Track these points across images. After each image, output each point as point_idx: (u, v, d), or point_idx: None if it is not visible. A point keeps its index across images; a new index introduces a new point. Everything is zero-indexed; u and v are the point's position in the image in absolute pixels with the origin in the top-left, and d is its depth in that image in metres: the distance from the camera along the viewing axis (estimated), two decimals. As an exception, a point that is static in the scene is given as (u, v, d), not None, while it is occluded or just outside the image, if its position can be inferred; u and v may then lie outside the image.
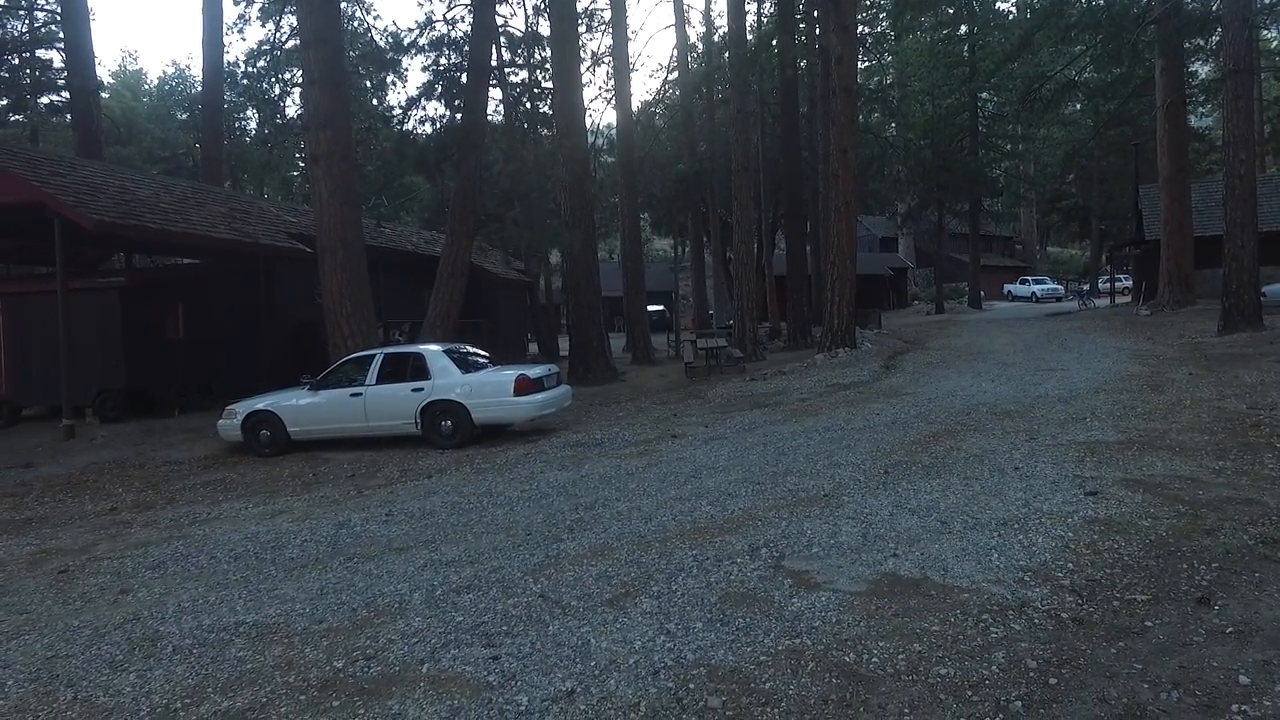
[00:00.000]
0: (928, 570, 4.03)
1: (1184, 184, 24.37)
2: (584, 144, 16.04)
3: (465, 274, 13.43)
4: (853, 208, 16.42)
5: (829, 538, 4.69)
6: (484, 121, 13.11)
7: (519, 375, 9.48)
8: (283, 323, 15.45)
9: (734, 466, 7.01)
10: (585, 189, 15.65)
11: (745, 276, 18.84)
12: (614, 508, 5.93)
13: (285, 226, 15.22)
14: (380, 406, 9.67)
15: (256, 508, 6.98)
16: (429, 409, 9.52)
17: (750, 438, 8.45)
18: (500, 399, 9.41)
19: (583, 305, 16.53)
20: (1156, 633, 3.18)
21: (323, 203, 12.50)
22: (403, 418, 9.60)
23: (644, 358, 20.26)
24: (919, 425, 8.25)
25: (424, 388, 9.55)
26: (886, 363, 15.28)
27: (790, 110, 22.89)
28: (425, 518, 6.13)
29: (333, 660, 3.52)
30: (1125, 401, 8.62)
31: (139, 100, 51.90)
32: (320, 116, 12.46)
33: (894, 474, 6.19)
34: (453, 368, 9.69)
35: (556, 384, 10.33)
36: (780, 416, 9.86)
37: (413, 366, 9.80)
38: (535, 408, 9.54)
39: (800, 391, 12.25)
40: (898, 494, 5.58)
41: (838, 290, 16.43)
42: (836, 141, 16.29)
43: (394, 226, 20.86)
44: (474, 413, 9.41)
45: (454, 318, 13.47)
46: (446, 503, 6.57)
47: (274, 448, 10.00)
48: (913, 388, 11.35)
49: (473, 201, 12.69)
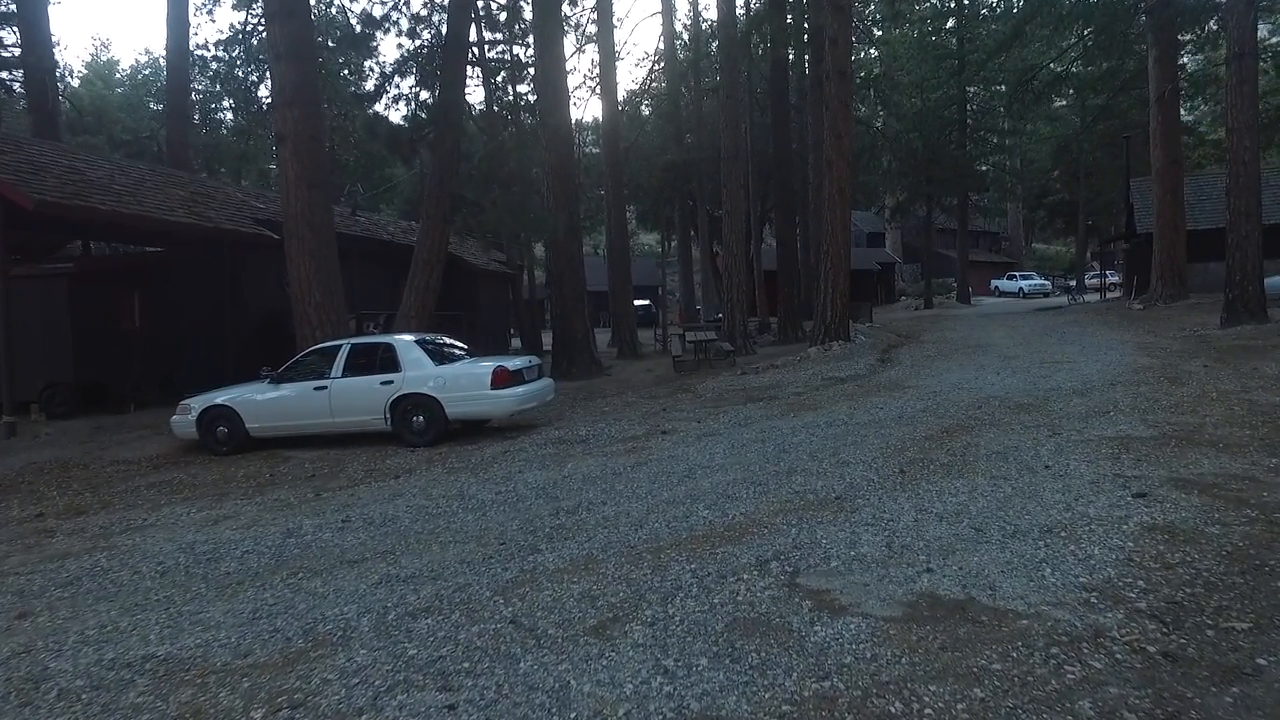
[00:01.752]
0: (971, 589, 3.41)
1: (1177, 176, 24.05)
2: (567, 124, 15.31)
3: (442, 262, 12.69)
4: (847, 196, 15.85)
5: (848, 548, 4.06)
6: (462, 100, 12.38)
7: (496, 367, 8.78)
8: (251, 313, 14.63)
9: (732, 465, 6.37)
10: (569, 172, 14.91)
11: (735, 268, 18.22)
12: (600, 512, 5.27)
13: (252, 212, 14.39)
14: (346, 401, 8.94)
15: (200, 513, 6.25)
16: (399, 403, 8.80)
17: (746, 433, 7.82)
18: (476, 393, 8.71)
19: (567, 296, 15.83)
20: (1273, 673, 2.57)
21: (289, 185, 11.73)
22: (371, 413, 8.87)
23: (630, 352, 19.60)
24: (928, 420, 7.66)
25: (394, 380, 8.83)
26: (882, 356, 14.72)
27: (780, 99, 22.28)
28: (386, 524, 5.44)
29: (250, 710, 2.83)
30: (1146, 394, 8.08)
31: (111, 90, 50.47)
32: (287, 94, 11.67)
33: (911, 473, 5.57)
34: (425, 359, 8.98)
35: (537, 377, 9.64)
36: (777, 411, 9.24)
37: (382, 358, 9.07)
38: (514, 402, 8.85)
39: (795, 385, 11.65)
40: (919, 496, 4.96)
41: (831, 281, 15.85)
42: (831, 126, 15.69)
43: (371, 215, 20.03)
44: (448, 407, 8.70)
45: (430, 308, 12.73)
46: (412, 506, 5.87)
47: (232, 446, 9.24)
48: (914, 381, 10.77)
49: (449, 184, 11.96)
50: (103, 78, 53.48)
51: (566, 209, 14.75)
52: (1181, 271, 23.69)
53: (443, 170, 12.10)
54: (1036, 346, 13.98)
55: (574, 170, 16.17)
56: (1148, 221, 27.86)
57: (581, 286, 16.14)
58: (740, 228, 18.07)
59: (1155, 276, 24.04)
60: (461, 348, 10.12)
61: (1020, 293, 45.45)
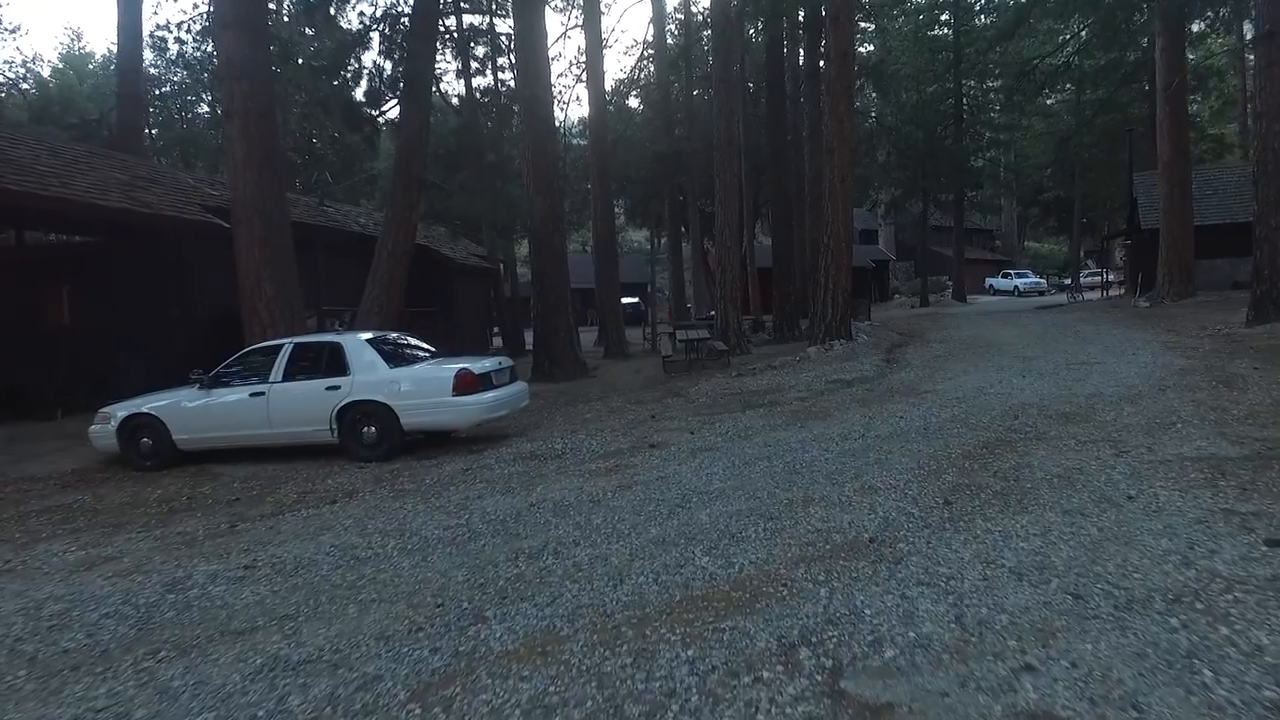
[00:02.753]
0: (1105, 708, 2.31)
1: (1185, 170, 23.21)
2: (548, 103, 14.10)
3: (409, 254, 11.53)
4: (849, 185, 14.79)
5: (904, 625, 2.95)
6: (429, 73, 11.20)
7: (460, 370, 7.62)
8: (204, 310, 13.33)
9: (734, 490, 5.26)
10: (549, 156, 13.70)
11: (728, 262, 17.12)
12: (570, 557, 4.14)
13: (204, 199, 13.14)
14: (287, 409, 7.75)
15: (79, 552, 5.07)
16: (347, 412, 7.63)
17: (748, 448, 6.71)
18: (436, 399, 7.55)
19: (548, 291, 14.67)
20: None
21: (237, 167, 10.55)
22: (315, 423, 7.69)
23: (618, 351, 18.46)
24: (960, 432, 6.58)
25: (341, 385, 7.66)
26: (888, 356, 13.67)
27: (775, 85, 21.11)
28: (299, 572, 4.29)
29: None
30: (1206, 401, 7.03)
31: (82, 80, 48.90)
32: (235, 66, 10.48)
33: (959, 504, 4.48)
34: (378, 361, 7.81)
35: (509, 380, 8.48)
36: (781, 420, 8.14)
37: (328, 359, 7.89)
38: (481, 410, 7.69)
39: (797, 389, 10.56)
40: (977, 538, 3.87)
41: (832, 277, 14.79)
42: (832, 111, 14.62)
43: (342, 207, 18.79)
44: (403, 416, 7.54)
45: (397, 304, 11.56)
46: (339, 546, 4.72)
47: (157, 460, 8.05)
48: (931, 384, 9.71)
49: (416, 165, 10.80)
50: (75, 68, 51.90)
51: (547, 196, 13.59)
52: (1189, 268, 22.84)
53: (408, 151, 10.94)
54: (1054, 346, 12.96)
55: (555, 154, 15.00)
56: (1152, 217, 27.07)
57: (564, 281, 15.00)
58: (734, 219, 16.99)
59: (1161, 274, 23.18)
60: (426, 349, 8.96)
61: (1016, 291, 44.63)
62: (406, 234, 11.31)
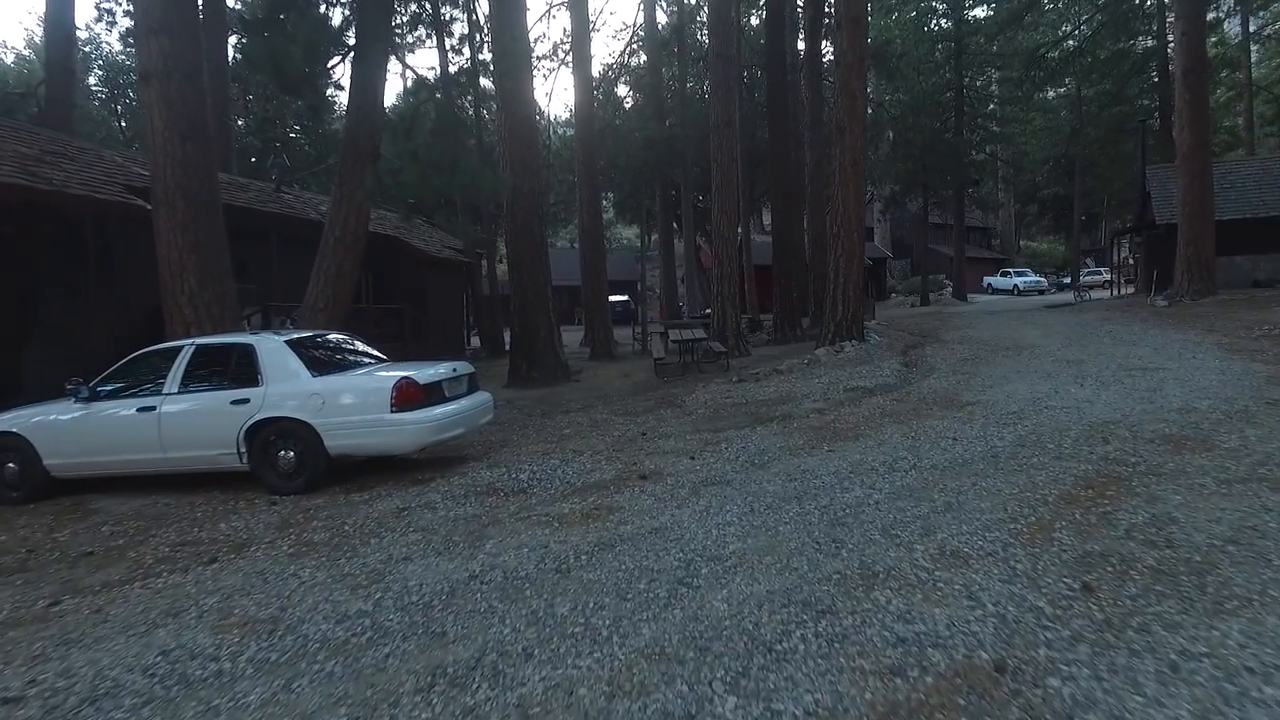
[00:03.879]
0: None
1: (1205, 161, 21.90)
2: (525, 53, 12.36)
3: (361, 240, 9.91)
4: (860, 167, 13.29)
5: None
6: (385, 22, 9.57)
7: (400, 380, 6.04)
8: (130, 306, 11.67)
9: (758, 555, 3.73)
10: (526, 117, 12.01)
11: (726, 255, 15.61)
12: (515, 687, 2.60)
13: (131, 178, 11.47)
14: (182, 427, 6.15)
15: None
16: (259, 431, 6.03)
17: (767, 481, 5.18)
18: (371, 416, 5.97)
19: (527, 286, 13.09)
20: None
21: (156, 137, 8.92)
22: (217, 445, 6.09)
23: (605, 353, 16.92)
24: (1041, 462, 5.08)
25: (250, 398, 6.06)
26: (905, 359, 12.20)
27: (775, 64, 19.52)
28: (91, 705, 2.72)
29: None
30: (1342, 420, 5.58)
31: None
32: (153, 18, 8.86)
33: (1106, 592, 2.97)
34: (299, 368, 6.21)
35: (465, 391, 6.90)
36: (801, 439, 6.62)
37: (237, 366, 6.29)
38: (427, 430, 6.10)
39: (812, 398, 9.04)
40: (1175, 672, 2.35)
41: (842, 270, 13.28)
42: (843, 85, 13.11)
43: (302, 195, 17.10)
44: (328, 438, 5.95)
45: (345, 300, 9.96)
46: (170, 654, 3.15)
47: (25, 490, 6.45)
48: (971, 394, 8.21)
49: (368, 136, 9.22)
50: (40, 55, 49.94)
51: (525, 175, 12.01)
52: (1210, 265, 21.54)
53: (357, 119, 9.34)
54: (1092, 348, 11.53)
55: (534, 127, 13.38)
56: (1167, 211, 25.86)
57: (544, 273, 13.41)
58: (732, 207, 15.48)
59: (1180, 271, 21.86)
60: (372, 354, 7.36)
61: (1015, 290, 43.44)
62: (358, 217, 9.70)
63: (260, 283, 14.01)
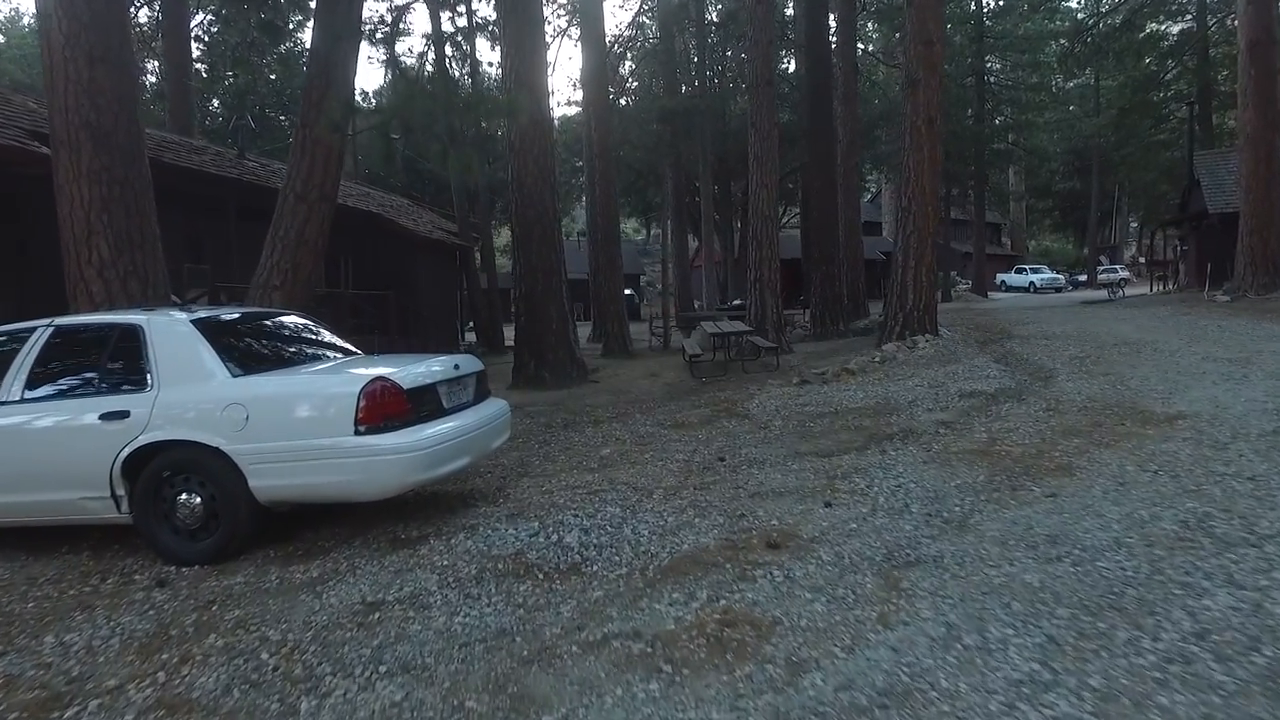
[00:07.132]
0: None
1: (1273, 142, 19.93)
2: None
3: (331, 199, 7.66)
4: (936, 127, 11.11)
5: None
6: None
7: (372, 382, 3.78)
8: (44, 278, 9.38)
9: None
10: (537, 58, 9.63)
11: (765, 236, 13.47)
12: None
13: (40, 122, 9.17)
14: (21, 455, 3.89)
15: None
16: (145, 462, 3.77)
17: (1004, 560, 2.99)
18: (324, 441, 3.70)
19: (536, 268, 10.83)
20: None
21: (54, 55, 6.65)
22: (77, 483, 3.82)
23: (621, 349, 14.70)
24: None
25: (131, 410, 3.79)
26: (995, 357, 10.06)
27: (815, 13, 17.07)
28: None
29: None
30: None
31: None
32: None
33: None
34: (214, 363, 3.92)
35: (473, 399, 4.61)
36: (974, 472, 4.42)
37: (114, 358, 4.03)
38: (415, 464, 3.81)
39: (923, 405, 6.85)
40: None
41: (913, 251, 11.13)
42: (917, 30, 10.95)
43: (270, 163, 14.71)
44: (253, 475, 3.68)
45: (309, 274, 7.70)
46: None
47: None
48: (1150, 401, 6.04)
49: (342, 81, 7.00)
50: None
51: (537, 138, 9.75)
52: (1276, 257, 19.66)
53: (324, 28, 7.09)
54: (1224, 344, 9.42)
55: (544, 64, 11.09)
56: (1221, 200, 23.94)
57: (558, 253, 11.15)
58: (773, 178, 13.32)
59: (1242, 263, 19.88)
60: (339, 347, 5.05)
61: (1031, 287, 41.60)
62: (325, 164, 7.43)
63: (217, 263, 11.73)
